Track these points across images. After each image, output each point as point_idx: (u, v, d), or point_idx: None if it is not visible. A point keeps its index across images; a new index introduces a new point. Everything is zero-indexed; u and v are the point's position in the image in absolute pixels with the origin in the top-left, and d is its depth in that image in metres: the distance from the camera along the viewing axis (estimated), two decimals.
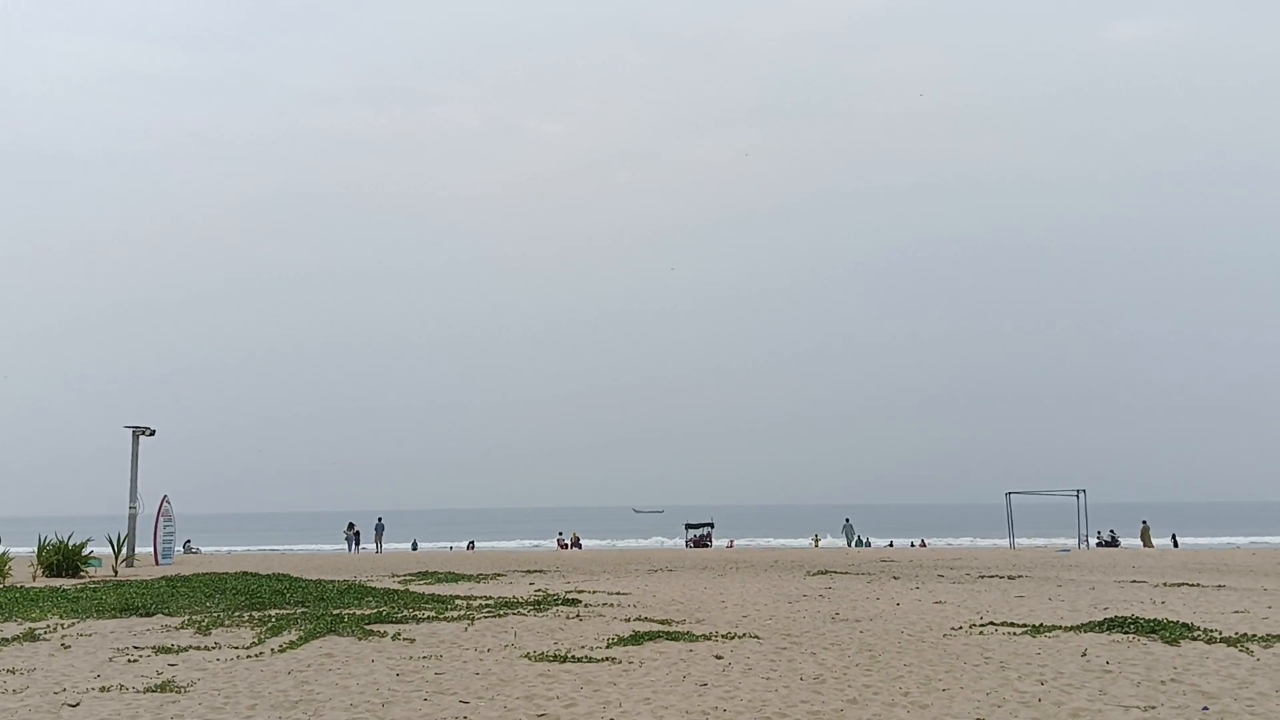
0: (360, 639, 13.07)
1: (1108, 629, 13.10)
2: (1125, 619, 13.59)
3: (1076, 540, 50.28)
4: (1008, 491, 52.60)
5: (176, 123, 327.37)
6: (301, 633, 13.45)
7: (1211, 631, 12.85)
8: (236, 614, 15.72)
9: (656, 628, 14.02)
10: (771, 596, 19.39)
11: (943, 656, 11.39)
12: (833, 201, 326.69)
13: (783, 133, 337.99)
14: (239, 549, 71.17)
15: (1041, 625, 13.81)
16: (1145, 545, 52.62)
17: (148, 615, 15.87)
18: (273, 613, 15.83)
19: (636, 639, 12.74)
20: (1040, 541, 58.74)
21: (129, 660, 11.70)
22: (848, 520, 61.99)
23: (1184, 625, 13.10)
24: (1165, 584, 21.94)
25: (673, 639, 12.85)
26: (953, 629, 13.76)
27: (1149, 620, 13.42)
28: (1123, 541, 54.76)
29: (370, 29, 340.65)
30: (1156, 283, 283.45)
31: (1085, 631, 13.11)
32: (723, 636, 13.12)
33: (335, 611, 15.72)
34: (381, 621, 14.67)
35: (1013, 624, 14.14)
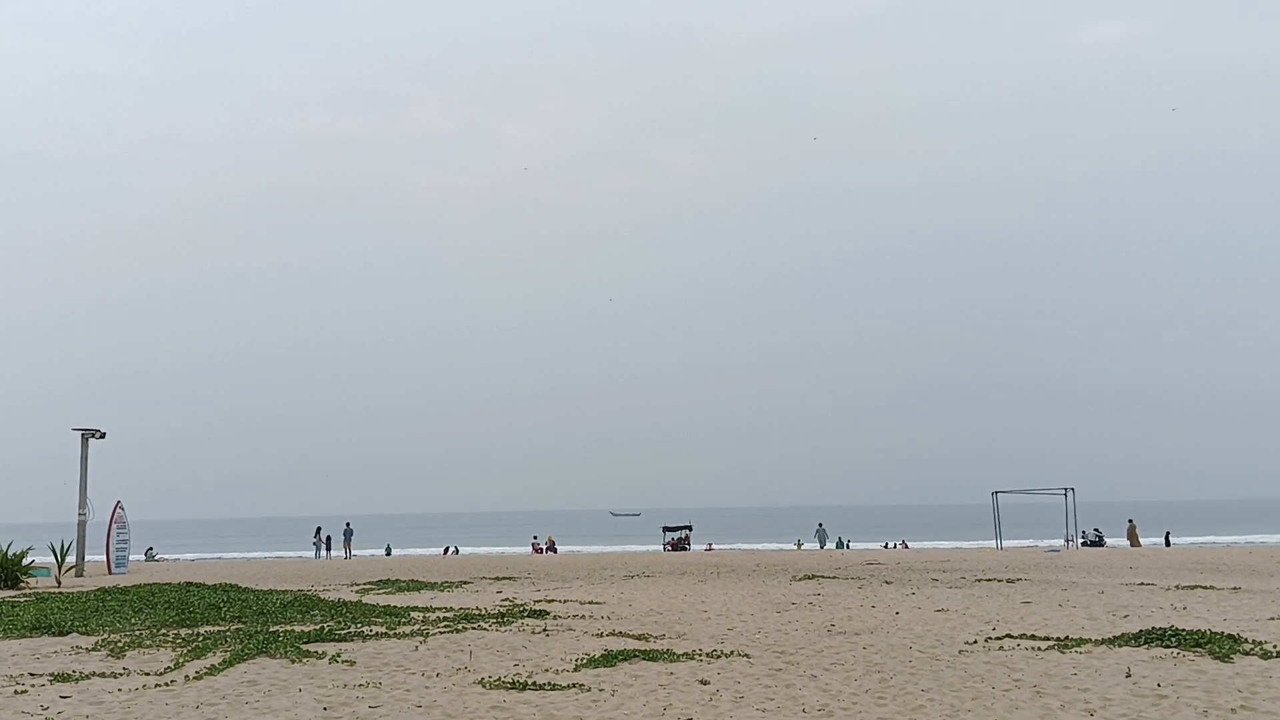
0: (293, 662, 11.40)
1: (1145, 642, 11.56)
2: (1163, 630, 12.03)
3: (1065, 540, 48.95)
4: (994, 491, 51.38)
5: (141, 126, 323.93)
6: (228, 654, 11.77)
7: (1264, 644, 11.31)
8: (162, 632, 14.01)
9: (632, 644, 12.39)
10: (757, 605, 17.83)
11: (964, 679, 9.81)
12: (804, 203, 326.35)
13: (750, 135, 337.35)
14: (205, 556, 69.20)
15: (1067, 638, 12.25)
16: (1133, 544, 51.46)
17: (61, 634, 14.12)
18: (203, 630, 14.14)
19: (609, 659, 11.11)
20: (1026, 542, 57.41)
21: (16, 691, 9.99)
22: (821, 524, 60.87)
23: (1230, 637, 11.54)
24: (1177, 586, 20.52)
25: (650, 659, 11.22)
26: (966, 643, 12.19)
27: (1191, 632, 11.85)
28: (1109, 541, 53.57)
29: (339, 31, 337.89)
30: (1137, 283, 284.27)
31: (1119, 645, 11.56)
32: (707, 655, 11.50)
33: (273, 628, 14.03)
34: (323, 639, 12.99)
35: (1032, 636, 12.60)
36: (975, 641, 12.28)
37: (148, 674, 10.81)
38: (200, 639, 13.06)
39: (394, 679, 10.35)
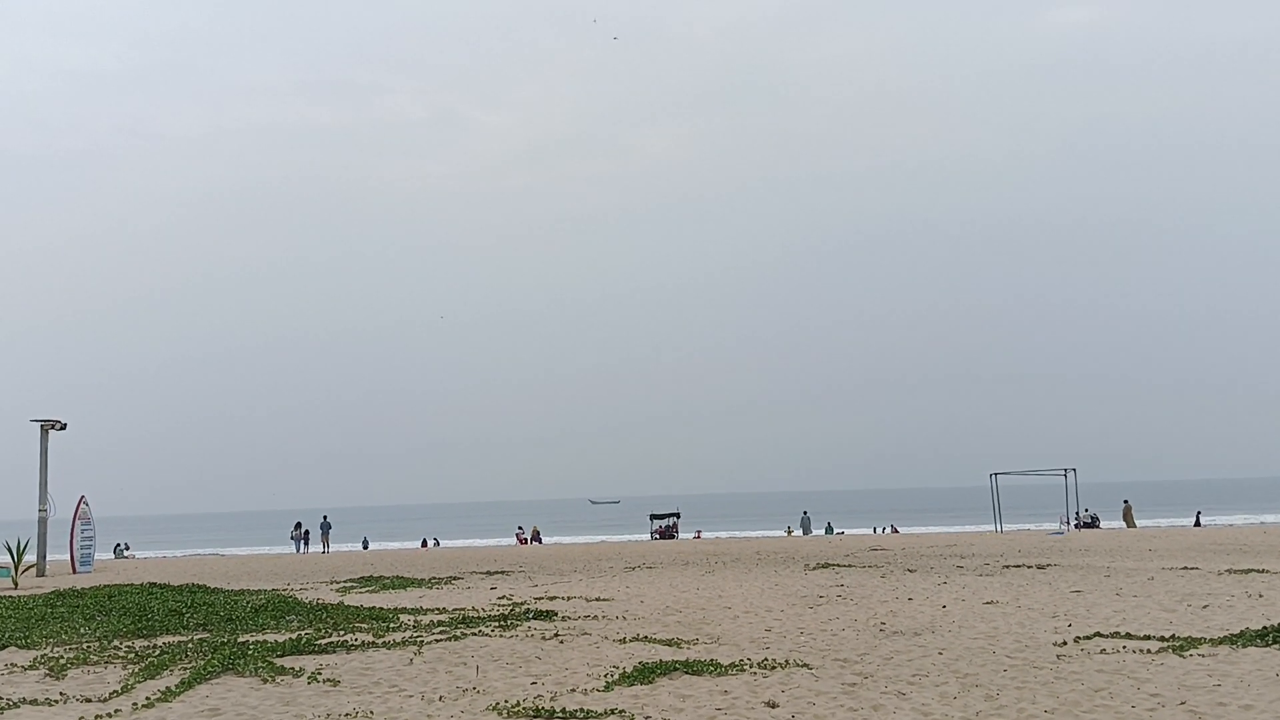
0: (265, 681, 9.56)
1: (1274, 641, 9.90)
2: None
3: (1066, 522, 47.48)
4: (993, 473, 49.83)
5: (109, 120, 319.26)
6: (187, 674, 9.91)
7: None
8: (113, 644, 12.09)
9: (664, 653, 10.61)
10: (782, 599, 16.11)
11: (1087, 695, 8.06)
12: (782, 189, 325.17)
13: (725, 120, 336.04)
14: (178, 553, 66.88)
15: (1174, 637, 10.56)
16: (1128, 525, 50.24)
17: None
18: (160, 641, 12.24)
19: (644, 674, 9.29)
20: (1021, 525, 55.97)
21: None
22: (805, 513, 59.74)
23: None
24: (1230, 571, 18.93)
25: (693, 672, 9.41)
26: (1056, 645, 10.47)
27: None
28: (1103, 523, 52.24)
29: (308, 21, 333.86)
30: (1124, 260, 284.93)
31: (1242, 645, 9.89)
32: (759, 666, 9.71)
33: (242, 638, 12.15)
34: (300, 652, 11.14)
35: (1129, 635, 10.88)
36: (1064, 643, 10.57)
37: (89, 700, 8.96)
38: (156, 653, 11.17)
39: (388, 704, 8.53)
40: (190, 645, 11.65)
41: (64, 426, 33.61)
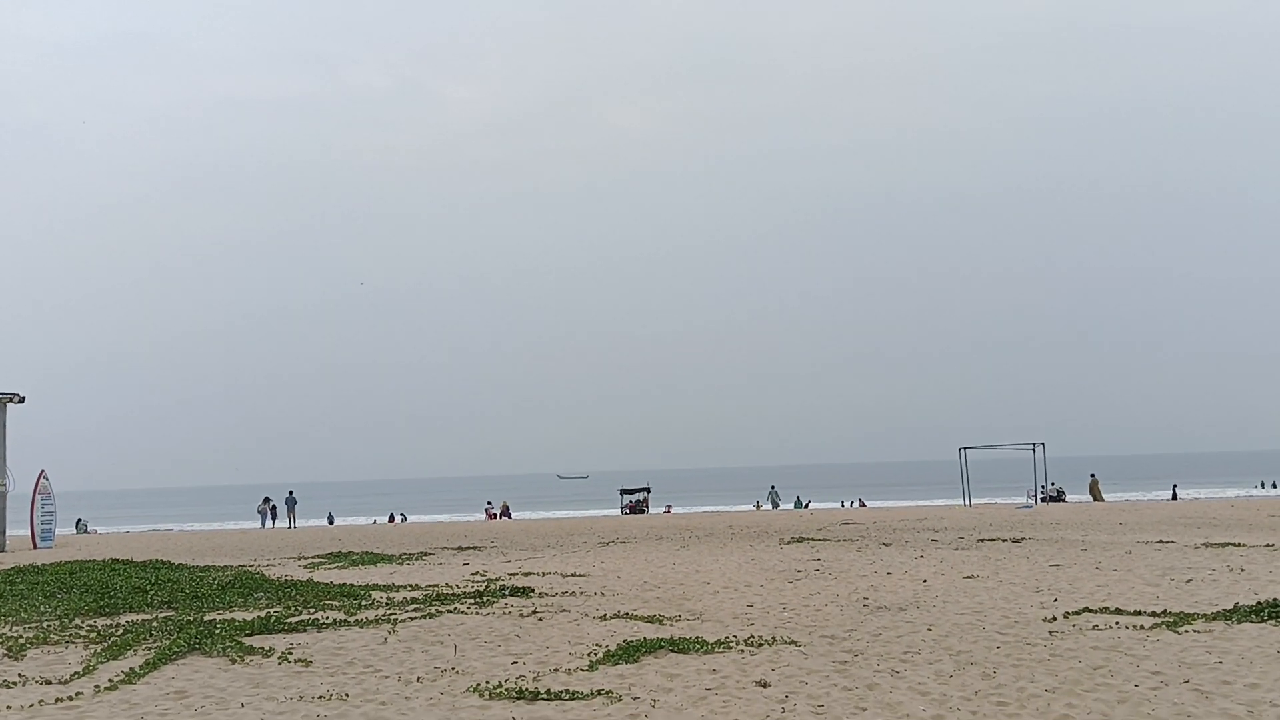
0: (234, 662, 9.20)
1: (1270, 616, 9.76)
2: None
3: (1035, 496, 47.70)
4: (961, 446, 49.96)
5: (70, 89, 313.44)
6: (152, 654, 9.53)
7: None
8: (75, 623, 11.68)
9: (647, 630, 10.34)
10: (760, 573, 15.90)
11: (1086, 673, 7.86)
12: (754, 163, 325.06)
13: (697, 94, 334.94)
14: (140, 528, 66.03)
15: (1166, 613, 10.40)
16: (1095, 499, 50.59)
17: None
18: (124, 620, 11.84)
19: (629, 652, 9.00)
20: (985, 500, 56.27)
21: None
22: (773, 487, 59.97)
23: None
24: (1206, 544, 18.90)
25: (679, 650, 9.14)
26: (1047, 620, 10.29)
27: None
28: (1069, 496, 52.58)
29: None
30: (1102, 228, 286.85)
31: (1237, 621, 9.74)
32: (745, 643, 9.45)
33: (208, 616, 11.77)
34: (269, 630, 10.78)
35: (1119, 611, 10.71)
36: (1054, 618, 10.38)
37: (49, 682, 8.57)
38: (120, 632, 10.78)
39: (363, 685, 8.19)
40: (155, 624, 11.26)
41: (22, 400, 32.88)
